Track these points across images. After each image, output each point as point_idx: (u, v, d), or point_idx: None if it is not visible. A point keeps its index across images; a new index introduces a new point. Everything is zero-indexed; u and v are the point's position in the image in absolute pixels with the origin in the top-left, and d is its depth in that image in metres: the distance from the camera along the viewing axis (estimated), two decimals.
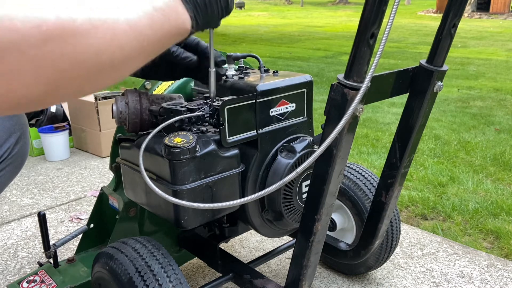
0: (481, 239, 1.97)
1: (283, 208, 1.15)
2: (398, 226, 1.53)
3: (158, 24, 0.55)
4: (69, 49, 0.44)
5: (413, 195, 2.36)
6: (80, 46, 0.45)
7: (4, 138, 0.99)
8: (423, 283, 1.64)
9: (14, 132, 1.01)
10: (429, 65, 1.02)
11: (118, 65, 0.51)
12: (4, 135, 0.99)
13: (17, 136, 1.02)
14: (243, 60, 1.33)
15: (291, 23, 16.03)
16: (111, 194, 1.48)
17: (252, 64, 1.45)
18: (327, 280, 1.66)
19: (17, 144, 1.02)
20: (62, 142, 2.94)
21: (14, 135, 1.01)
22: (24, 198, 2.39)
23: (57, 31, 0.43)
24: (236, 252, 1.86)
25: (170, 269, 1.04)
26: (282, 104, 1.15)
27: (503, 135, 3.49)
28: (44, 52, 0.43)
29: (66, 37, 0.44)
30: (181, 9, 0.60)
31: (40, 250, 1.87)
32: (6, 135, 0.99)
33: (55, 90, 0.46)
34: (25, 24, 0.41)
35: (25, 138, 1.05)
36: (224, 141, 1.06)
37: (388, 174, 1.19)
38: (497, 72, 6.40)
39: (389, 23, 0.74)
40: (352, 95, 0.84)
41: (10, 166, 1.02)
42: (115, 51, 0.49)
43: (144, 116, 1.17)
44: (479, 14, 17.65)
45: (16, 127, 1.02)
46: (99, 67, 0.48)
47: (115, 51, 0.49)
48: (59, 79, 0.45)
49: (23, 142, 1.04)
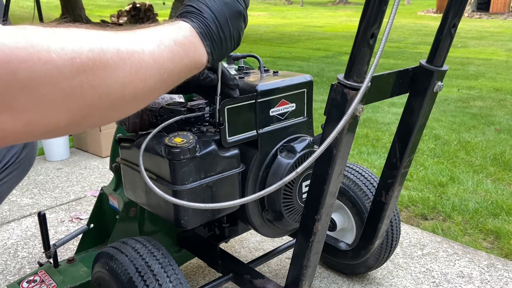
0: (481, 239, 1.97)
1: (283, 208, 1.15)
2: (398, 226, 1.53)
3: (178, 58, 0.57)
4: (98, 82, 0.46)
5: (413, 195, 2.36)
6: (108, 79, 0.47)
7: None
8: (423, 283, 1.64)
9: None
10: (429, 65, 1.02)
11: (141, 96, 0.53)
12: None
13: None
14: (243, 60, 1.33)
15: (291, 23, 16.03)
16: (111, 194, 1.48)
17: (252, 64, 1.45)
18: (327, 280, 1.66)
19: (25, 148, 1.03)
20: (62, 142, 2.94)
21: None
22: (24, 198, 2.39)
23: (89, 64, 0.44)
24: (236, 252, 1.86)
25: (170, 269, 1.04)
26: (282, 104, 1.15)
27: (503, 135, 3.49)
28: (75, 84, 0.43)
29: (97, 70, 0.45)
30: (199, 44, 0.62)
31: (40, 250, 1.87)
32: None
33: (82, 119, 0.47)
34: (61, 56, 0.42)
35: (33, 142, 1.05)
36: (224, 141, 1.06)
37: (388, 174, 1.19)
38: (497, 72, 6.40)
39: (389, 23, 0.74)
40: (352, 95, 0.84)
41: (17, 170, 1.02)
42: (139, 84, 0.51)
43: (144, 116, 1.17)
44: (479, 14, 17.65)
45: None
46: (124, 98, 0.50)
47: (139, 84, 0.51)
48: (86, 109, 0.46)
49: (30, 146, 1.05)
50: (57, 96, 0.43)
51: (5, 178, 0.99)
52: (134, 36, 0.52)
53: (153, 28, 0.57)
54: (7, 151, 0.99)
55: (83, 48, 0.44)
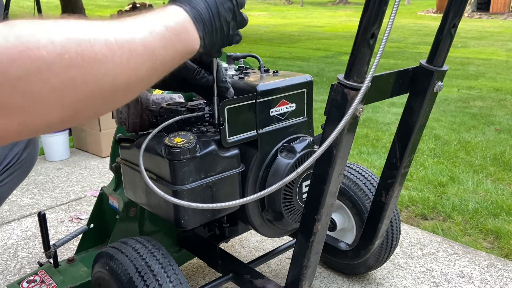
0: (481, 239, 1.97)
1: (283, 208, 1.15)
2: (398, 226, 1.53)
3: (170, 44, 0.56)
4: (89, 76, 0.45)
5: (413, 195, 2.36)
6: (99, 72, 0.46)
7: (12, 143, 0.99)
8: (423, 283, 1.64)
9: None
10: (429, 65, 1.02)
11: (133, 86, 0.52)
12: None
13: (25, 142, 1.02)
14: (243, 60, 1.33)
15: (291, 23, 16.03)
16: (111, 194, 1.48)
17: (252, 64, 1.45)
18: (327, 280, 1.66)
19: (26, 149, 1.03)
20: (62, 142, 2.94)
21: (23, 140, 1.01)
22: (24, 198, 2.39)
23: (78, 59, 0.44)
24: (236, 252, 1.85)
25: (170, 269, 1.04)
26: (282, 104, 1.15)
27: (503, 135, 3.49)
28: (65, 79, 0.43)
29: (86, 64, 0.45)
30: (192, 29, 0.61)
31: (40, 250, 1.87)
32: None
33: (75, 114, 0.47)
34: (50, 53, 0.41)
35: (34, 143, 1.05)
36: (224, 141, 1.06)
37: (388, 174, 1.19)
38: (497, 72, 6.40)
39: (390, 24, 0.74)
40: (352, 95, 0.84)
41: (18, 171, 1.02)
42: (130, 74, 0.50)
43: (144, 116, 1.17)
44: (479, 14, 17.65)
45: None
46: (116, 89, 0.49)
47: (131, 73, 0.50)
48: (79, 104, 0.46)
49: (32, 147, 1.05)
50: (49, 93, 0.42)
51: (6, 178, 0.99)
52: (124, 25, 0.51)
53: (144, 15, 0.56)
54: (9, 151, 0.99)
55: (71, 43, 0.44)
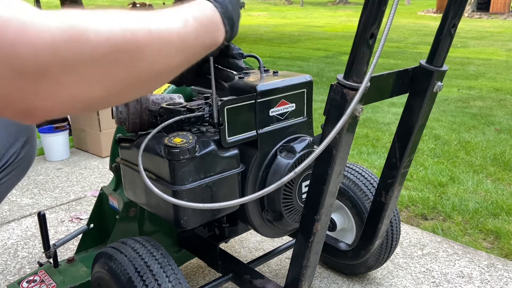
0: (481, 239, 1.97)
1: (283, 208, 1.15)
2: (398, 226, 1.53)
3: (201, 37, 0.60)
4: (130, 60, 0.49)
5: (413, 195, 2.36)
6: (139, 58, 0.49)
7: (10, 142, 0.99)
8: (423, 283, 1.64)
9: (21, 136, 1.01)
10: (429, 65, 1.02)
11: (166, 74, 0.56)
12: (11, 139, 0.99)
13: (23, 140, 1.02)
14: (243, 60, 1.32)
15: (291, 23, 16.03)
16: (111, 194, 1.48)
17: (252, 64, 1.45)
18: (327, 280, 1.66)
19: (24, 148, 1.03)
20: (62, 142, 2.95)
21: (21, 139, 1.01)
22: (24, 198, 2.39)
23: (122, 44, 0.47)
24: (236, 252, 1.86)
25: (170, 269, 1.04)
26: (282, 104, 1.15)
27: (503, 135, 3.49)
28: (109, 62, 0.46)
29: (129, 50, 0.48)
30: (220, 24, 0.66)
31: (40, 250, 1.87)
32: (13, 139, 1.00)
33: (115, 95, 0.51)
34: (97, 36, 0.45)
35: (31, 142, 1.05)
36: (224, 141, 1.06)
37: (388, 174, 1.19)
38: (497, 72, 6.40)
39: (388, 23, 0.74)
40: (351, 95, 0.84)
41: (16, 170, 1.02)
42: (165, 62, 0.54)
43: (144, 116, 1.17)
44: (479, 14, 17.65)
45: (23, 131, 1.02)
46: (150, 76, 0.53)
47: (166, 62, 0.54)
48: (118, 86, 0.49)
49: (29, 146, 1.05)
50: (93, 73, 0.45)
51: (4, 178, 0.99)
52: (162, 16, 0.55)
53: (179, 7, 0.60)
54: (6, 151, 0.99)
55: (117, 29, 0.47)
